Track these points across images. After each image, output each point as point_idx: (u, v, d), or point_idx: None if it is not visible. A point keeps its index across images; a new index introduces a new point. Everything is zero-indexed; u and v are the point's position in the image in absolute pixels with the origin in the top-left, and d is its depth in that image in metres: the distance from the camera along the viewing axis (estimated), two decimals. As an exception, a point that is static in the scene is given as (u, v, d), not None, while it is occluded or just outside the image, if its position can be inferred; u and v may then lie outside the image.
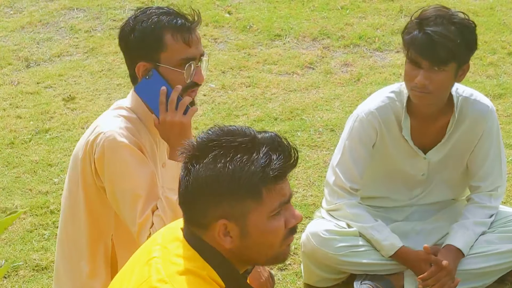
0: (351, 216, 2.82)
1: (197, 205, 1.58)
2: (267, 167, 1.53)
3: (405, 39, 2.58)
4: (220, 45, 5.26)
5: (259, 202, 1.55)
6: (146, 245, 1.72)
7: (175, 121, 2.18)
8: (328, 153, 3.82)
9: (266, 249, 1.62)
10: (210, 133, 1.59)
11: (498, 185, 2.85)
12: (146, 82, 2.20)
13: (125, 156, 2.16)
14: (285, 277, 2.96)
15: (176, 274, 1.55)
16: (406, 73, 2.61)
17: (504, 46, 5.03)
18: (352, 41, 5.19)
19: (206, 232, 1.59)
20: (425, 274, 2.72)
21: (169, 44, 2.17)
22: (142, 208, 2.16)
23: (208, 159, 1.54)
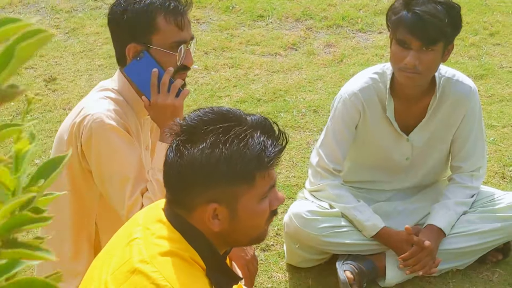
0: (333, 197, 2.83)
1: (187, 188, 1.57)
2: (262, 153, 1.54)
3: (393, 19, 2.57)
4: (203, 25, 5.23)
5: (251, 186, 1.56)
6: (127, 226, 1.71)
7: (167, 104, 2.18)
8: (311, 134, 3.82)
9: (251, 230, 1.64)
10: (202, 115, 1.58)
11: (479, 165, 2.87)
12: (136, 63, 2.18)
13: (113, 138, 2.15)
14: (267, 258, 2.97)
15: (157, 255, 1.55)
16: (394, 54, 2.60)
17: (486, 27, 5.04)
18: (335, 22, 5.19)
19: (191, 214, 1.59)
20: (406, 254, 2.74)
21: (162, 27, 2.17)
22: (131, 191, 2.16)
23: (206, 144, 1.53)
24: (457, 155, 2.87)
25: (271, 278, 2.88)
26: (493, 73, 4.42)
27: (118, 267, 1.57)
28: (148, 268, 1.53)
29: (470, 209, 2.86)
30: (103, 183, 2.19)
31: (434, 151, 2.87)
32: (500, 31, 4.99)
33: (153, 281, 1.51)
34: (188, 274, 1.54)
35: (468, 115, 2.79)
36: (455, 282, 2.83)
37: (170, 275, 1.52)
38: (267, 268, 2.92)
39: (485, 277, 2.86)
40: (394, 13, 2.57)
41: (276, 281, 2.87)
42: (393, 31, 2.58)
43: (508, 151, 3.62)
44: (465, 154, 2.85)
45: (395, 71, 2.64)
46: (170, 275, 1.52)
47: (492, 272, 2.88)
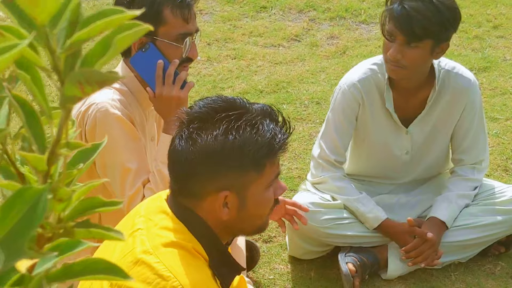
0: (336, 188, 2.83)
1: (197, 175, 1.57)
2: (272, 140, 1.56)
3: (385, 10, 2.57)
4: (206, 16, 5.22)
5: (260, 174, 1.58)
6: (129, 217, 1.71)
7: (172, 96, 2.18)
8: (313, 125, 3.82)
9: (256, 219, 1.65)
10: (211, 103, 1.58)
11: (481, 158, 2.87)
12: (142, 55, 2.19)
13: (117, 128, 2.15)
14: (270, 249, 2.97)
15: (160, 245, 1.55)
16: (383, 44, 2.61)
17: (489, 20, 5.03)
18: (338, 14, 5.17)
19: (199, 203, 1.59)
20: (409, 246, 2.74)
21: (168, 19, 2.17)
22: (132, 181, 2.16)
23: (219, 131, 1.54)
24: (458, 148, 2.86)
25: (273, 269, 2.88)
26: (496, 66, 4.41)
27: (120, 258, 1.57)
28: (151, 259, 1.53)
29: (473, 202, 2.86)
30: (105, 173, 2.20)
31: (434, 144, 2.87)
32: (503, 23, 4.97)
33: (156, 272, 1.51)
34: (191, 265, 1.54)
35: (468, 107, 2.78)
36: (457, 274, 2.83)
37: (173, 265, 1.52)
38: (269, 259, 2.92)
39: (487, 270, 2.86)
40: (389, 4, 2.57)
41: (278, 272, 2.87)
42: (385, 25, 2.57)
43: (511, 144, 3.62)
44: (466, 147, 2.85)
45: (384, 62, 2.64)
46: (173, 266, 1.52)
47: (495, 265, 2.88)
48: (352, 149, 2.92)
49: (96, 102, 2.16)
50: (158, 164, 2.18)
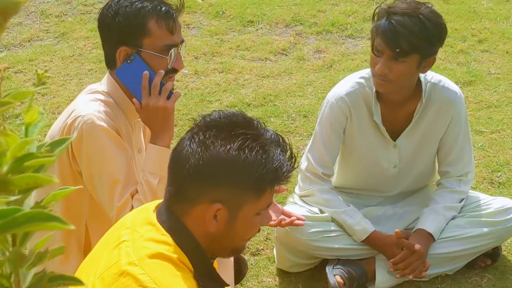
0: (323, 201, 2.84)
1: (198, 180, 1.58)
2: (279, 170, 1.58)
3: (373, 26, 2.60)
4: (193, 30, 5.24)
5: (257, 198, 1.59)
6: (114, 229, 1.71)
7: (159, 106, 2.18)
8: (301, 139, 3.84)
9: (238, 240, 1.66)
10: (231, 116, 1.60)
11: (467, 170, 2.89)
12: (127, 66, 2.19)
13: (104, 140, 2.16)
14: (258, 262, 2.97)
15: (146, 257, 1.55)
16: (371, 59, 2.63)
17: (474, 34, 5.08)
18: (324, 28, 5.21)
19: (191, 209, 1.60)
20: (397, 257, 2.76)
21: (153, 31, 2.18)
22: (120, 192, 2.16)
23: (233, 145, 1.55)
24: (444, 160, 2.89)
25: (261, 282, 2.88)
26: (481, 80, 4.45)
27: (105, 270, 1.57)
28: (136, 271, 1.53)
29: (459, 214, 2.88)
30: (93, 184, 2.19)
31: (421, 157, 2.89)
32: (488, 37, 5.02)
33: (141, 284, 1.51)
34: (177, 276, 1.54)
35: (454, 120, 2.81)
36: (444, 286, 2.85)
37: (158, 277, 1.52)
38: (257, 272, 2.92)
39: (474, 282, 2.87)
40: (375, 19, 2.59)
41: (266, 285, 2.87)
42: (374, 39, 2.60)
43: (496, 157, 3.65)
44: (452, 159, 2.87)
45: (372, 76, 2.66)
46: (158, 277, 1.52)
47: (481, 277, 2.89)
48: (340, 162, 2.93)
49: (82, 115, 2.17)
50: (146, 175, 2.18)
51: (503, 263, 2.96)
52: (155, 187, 2.16)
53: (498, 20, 5.31)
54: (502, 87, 4.36)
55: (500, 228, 2.83)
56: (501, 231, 2.84)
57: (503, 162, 3.60)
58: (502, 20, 5.31)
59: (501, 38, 5.01)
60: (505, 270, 2.93)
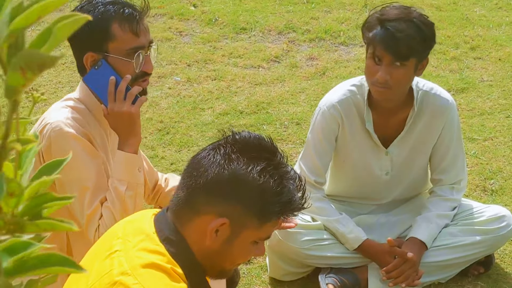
0: (315, 209, 2.83)
1: (212, 191, 1.58)
2: (288, 205, 1.60)
3: (367, 35, 2.60)
4: (186, 38, 5.23)
5: (260, 226, 1.60)
6: (105, 239, 1.70)
7: (123, 111, 2.16)
8: (293, 146, 3.83)
9: (228, 262, 1.67)
10: (261, 138, 1.62)
11: (460, 178, 2.89)
12: (95, 72, 2.17)
13: (72, 146, 2.13)
14: (250, 271, 2.95)
15: (139, 267, 1.54)
16: (367, 68, 2.62)
17: (467, 41, 5.09)
18: (317, 35, 5.21)
19: (195, 218, 1.60)
20: (390, 266, 2.74)
21: (117, 34, 2.15)
22: (90, 200, 2.14)
23: (256, 167, 1.56)
24: (437, 168, 2.88)
25: (254, 291, 2.87)
26: (474, 87, 4.45)
27: (97, 279, 1.56)
28: (129, 280, 1.52)
29: (452, 222, 2.87)
30: (64, 192, 2.16)
31: (413, 165, 2.88)
32: (480, 45, 5.03)
33: None
34: (170, 286, 1.53)
35: (447, 128, 2.81)
36: (437, 295, 2.83)
37: (151, 286, 1.50)
38: (249, 281, 2.91)
39: (467, 290, 2.87)
40: (368, 28, 2.59)
41: (258, 294, 2.86)
42: (367, 46, 2.60)
43: (489, 164, 3.64)
44: (445, 167, 2.86)
45: (369, 85, 2.66)
46: (151, 286, 1.50)
47: (474, 285, 2.88)
48: (332, 170, 2.92)
49: (50, 122, 2.14)
50: (114, 181, 2.16)
51: (496, 271, 2.95)
52: (123, 193, 2.14)
53: (491, 27, 5.32)
54: (494, 94, 4.36)
55: (493, 236, 2.83)
56: (494, 239, 2.84)
57: (496, 170, 3.60)
58: (494, 27, 5.32)
59: (493, 45, 5.02)
60: (498, 278, 2.92)
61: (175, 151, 3.82)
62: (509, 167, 3.62)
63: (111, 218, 2.12)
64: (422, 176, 2.95)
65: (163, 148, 3.84)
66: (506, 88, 4.43)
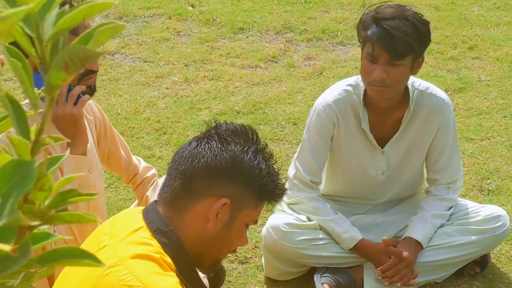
0: (311, 209, 2.83)
1: (212, 175, 1.62)
2: (278, 184, 1.68)
3: (363, 34, 2.59)
4: (183, 38, 5.23)
5: (256, 206, 1.67)
6: (93, 237, 1.72)
7: (66, 113, 2.15)
8: (290, 146, 3.82)
9: (225, 248, 1.70)
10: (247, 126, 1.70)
11: (456, 178, 2.88)
12: (37, 76, 2.16)
13: None
14: (246, 271, 2.95)
15: (128, 257, 1.55)
16: (363, 68, 2.62)
17: (465, 41, 5.08)
18: (315, 35, 5.20)
19: (196, 203, 1.63)
20: (385, 265, 2.74)
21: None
22: None
23: (252, 148, 1.64)
24: (432, 168, 2.88)
25: (249, 291, 2.87)
26: (472, 86, 4.45)
27: (87, 274, 1.57)
28: (119, 271, 1.53)
29: (448, 221, 2.87)
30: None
31: (409, 165, 2.88)
32: (478, 44, 5.03)
33: (125, 283, 1.51)
34: (161, 274, 1.54)
35: (442, 127, 2.80)
36: (432, 294, 2.83)
37: (142, 275, 1.52)
38: (245, 281, 2.90)
39: (463, 289, 2.86)
40: (364, 27, 2.59)
41: (254, 294, 2.85)
42: (363, 45, 2.60)
43: (486, 164, 3.64)
44: (440, 167, 2.86)
45: (365, 85, 2.66)
46: (142, 276, 1.52)
47: (470, 285, 2.88)
48: (328, 170, 2.92)
49: None
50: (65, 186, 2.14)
51: (492, 271, 2.95)
52: None
53: (489, 27, 5.31)
54: (492, 94, 4.36)
55: (489, 236, 2.82)
56: (489, 239, 2.83)
57: (492, 170, 3.59)
58: (492, 27, 5.31)
59: (491, 45, 5.02)
60: (494, 278, 2.91)
61: (172, 151, 3.82)
62: (506, 167, 3.61)
63: None
64: (417, 176, 2.95)
65: (160, 148, 3.84)
66: (504, 88, 4.43)
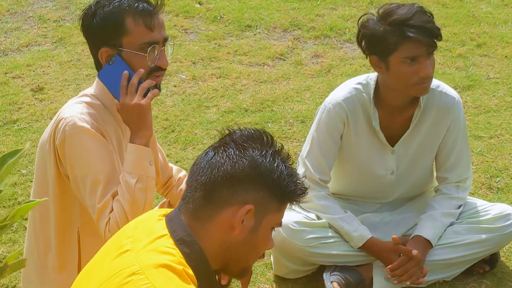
0: (320, 207, 2.82)
1: (233, 182, 1.62)
2: (298, 185, 1.67)
3: (394, 41, 2.54)
4: (191, 35, 5.23)
5: (279, 209, 1.66)
6: (116, 238, 1.70)
7: (133, 104, 2.16)
8: (298, 144, 3.82)
9: (253, 254, 1.69)
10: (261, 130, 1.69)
11: (465, 176, 2.88)
12: (109, 68, 2.18)
13: (85, 140, 2.14)
14: (255, 269, 2.95)
15: (150, 267, 1.53)
16: (404, 74, 2.57)
17: (473, 38, 5.07)
18: (322, 32, 5.20)
19: (219, 213, 1.62)
20: (394, 264, 2.74)
21: (131, 29, 2.16)
22: (101, 193, 2.14)
23: (269, 151, 1.64)
24: (442, 166, 2.87)
25: (258, 289, 2.87)
26: (480, 84, 4.44)
27: (108, 279, 1.55)
28: (140, 280, 1.51)
29: (457, 220, 2.86)
30: (77, 186, 2.18)
31: (419, 163, 2.87)
32: (487, 42, 5.01)
33: None
34: (181, 286, 1.52)
35: (452, 125, 2.80)
36: (442, 293, 2.83)
37: (163, 286, 1.50)
38: (254, 279, 2.90)
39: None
40: (393, 34, 2.54)
41: (263, 292, 2.86)
42: (393, 52, 2.56)
43: (495, 162, 3.63)
44: (450, 165, 2.85)
45: (407, 89, 2.62)
46: (163, 287, 1.50)
47: (479, 284, 2.88)
48: (337, 168, 2.92)
49: (65, 117, 2.16)
50: (124, 175, 2.16)
51: (502, 269, 2.94)
52: (133, 186, 2.14)
53: (497, 24, 5.29)
54: (501, 91, 4.35)
55: (499, 234, 2.82)
56: (499, 238, 2.83)
57: (501, 168, 3.58)
58: (501, 24, 5.29)
59: (500, 43, 5.00)
60: (503, 277, 2.91)
61: (180, 149, 3.82)
62: (515, 165, 3.60)
63: (121, 211, 2.12)
64: (427, 174, 2.94)
65: (168, 146, 3.85)
66: (512, 86, 4.42)
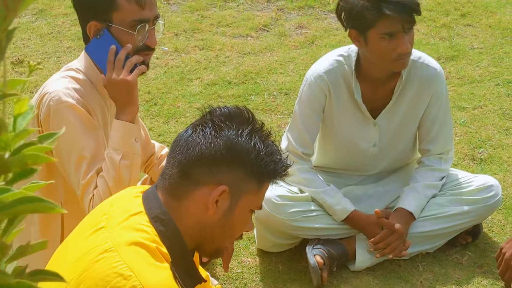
0: (303, 181, 2.81)
1: (209, 162, 1.59)
2: (279, 163, 1.63)
3: (371, 18, 2.51)
4: (173, 6, 5.17)
5: (258, 189, 1.62)
6: (92, 215, 1.69)
7: (120, 80, 2.14)
8: (282, 117, 3.80)
9: (228, 236, 1.67)
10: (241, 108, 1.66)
11: (448, 148, 2.87)
12: (96, 41, 2.15)
13: (71, 116, 2.12)
14: (238, 243, 2.95)
15: (123, 244, 1.53)
16: (383, 49, 2.55)
17: (457, 8, 5.04)
18: (306, 3, 5.15)
19: (194, 191, 1.59)
20: (377, 237, 2.74)
21: (122, 4, 2.13)
22: (86, 169, 2.12)
23: (246, 130, 1.60)
24: (425, 138, 2.87)
25: (241, 263, 2.87)
26: (464, 54, 4.42)
27: (81, 256, 1.55)
28: (113, 257, 1.51)
29: (440, 192, 2.87)
30: (61, 162, 2.16)
31: (401, 135, 2.86)
32: (471, 11, 4.99)
33: (117, 271, 1.49)
34: (153, 265, 1.52)
35: (435, 97, 2.78)
36: (424, 265, 2.84)
37: (134, 265, 1.50)
38: (237, 253, 2.90)
39: (455, 259, 2.87)
40: (369, 10, 2.51)
41: (246, 266, 2.85)
42: (371, 28, 2.54)
43: (478, 133, 3.63)
44: (433, 137, 2.85)
45: (386, 64, 2.61)
46: (134, 265, 1.50)
47: (462, 255, 2.89)
48: (320, 141, 2.90)
49: (50, 91, 2.13)
50: (110, 151, 2.14)
51: (484, 240, 2.95)
52: (117, 162, 2.12)
53: (481, -7, 5.26)
54: (484, 62, 4.33)
55: (481, 206, 2.82)
56: (482, 209, 2.83)
57: (485, 138, 3.58)
58: (485, -7, 5.26)
59: (484, 12, 4.98)
60: (485, 248, 2.92)
61: (163, 123, 3.79)
62: (498, 136, 3.60)
63: (105, 188, 2.11)
64: (410, 146, 2.94)
65: (151, 120, 3.81)
66: (496, 56, 4.40)
